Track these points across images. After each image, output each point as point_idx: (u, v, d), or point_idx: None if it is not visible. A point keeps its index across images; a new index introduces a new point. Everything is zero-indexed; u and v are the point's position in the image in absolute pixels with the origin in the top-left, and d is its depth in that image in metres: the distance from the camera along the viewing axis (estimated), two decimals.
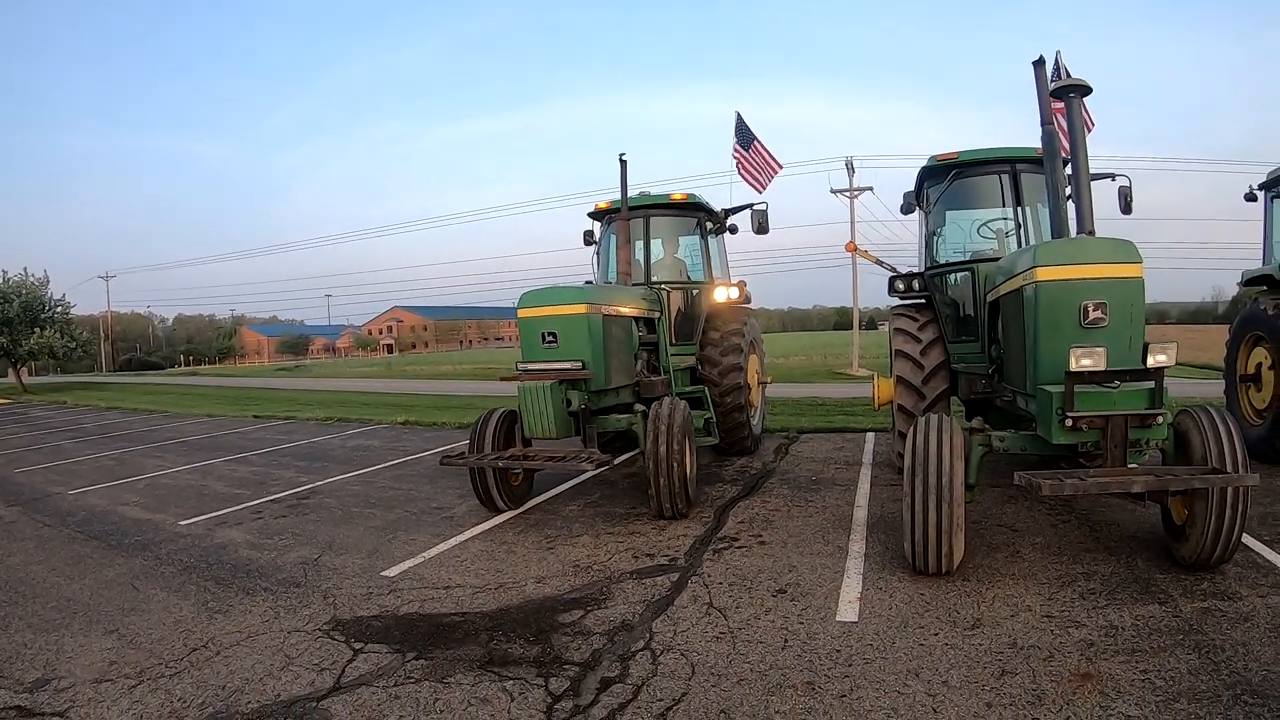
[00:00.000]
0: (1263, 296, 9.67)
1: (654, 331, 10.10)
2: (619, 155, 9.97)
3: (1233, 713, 3.80)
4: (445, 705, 4.21)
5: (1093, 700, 3.99)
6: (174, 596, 6.20)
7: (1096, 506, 7.66)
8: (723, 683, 4.37)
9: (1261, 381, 9.68)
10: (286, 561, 7.04)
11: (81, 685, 4.62)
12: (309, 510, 9.11)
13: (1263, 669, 4.22)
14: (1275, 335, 9.09)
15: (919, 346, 9.01)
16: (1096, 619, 5.03)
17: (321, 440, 15.54)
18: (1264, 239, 10.68)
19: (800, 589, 5.84)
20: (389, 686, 4.45)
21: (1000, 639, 4.79)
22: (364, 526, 8.21)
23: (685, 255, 11.96)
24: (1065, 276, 5.87)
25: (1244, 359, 10.18)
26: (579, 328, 7.96)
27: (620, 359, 8.69)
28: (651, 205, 11.13)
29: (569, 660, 4.74)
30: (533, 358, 8.01)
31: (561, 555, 6.90)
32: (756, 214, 11.60)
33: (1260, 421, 9.64)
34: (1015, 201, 9.04)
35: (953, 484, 5.63)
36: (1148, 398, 5.48)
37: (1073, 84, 6.59)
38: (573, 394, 7.83)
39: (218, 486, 10.71)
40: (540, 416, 7.66)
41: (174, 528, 8.39)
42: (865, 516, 7.80)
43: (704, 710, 4.06)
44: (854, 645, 4.79)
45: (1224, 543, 5.49)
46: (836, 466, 10.57)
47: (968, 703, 4.03)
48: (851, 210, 32.84)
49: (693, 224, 11.62)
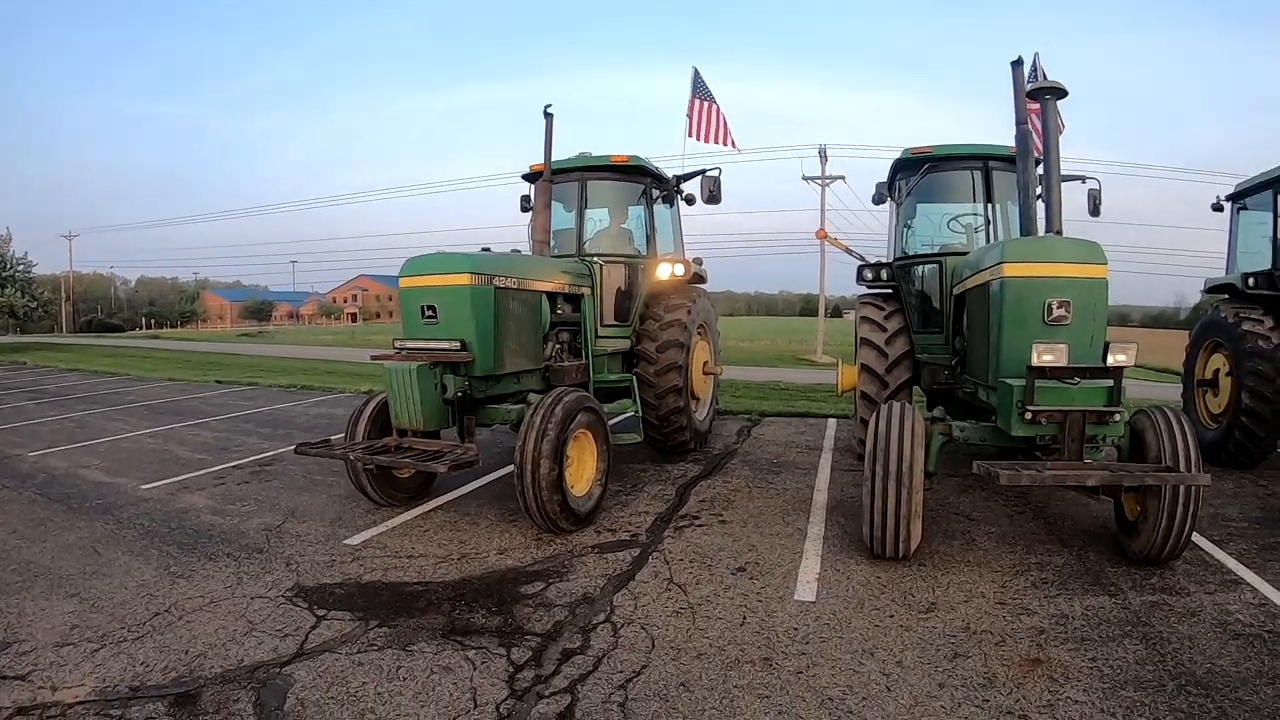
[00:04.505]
0: (1224, 305, 9.92)
1: (579, 310, 8.94)
2: (544, 108, 9.07)
3: (1177, 702, 3.95)
4: (408, 673, 4.26)
5: (1042, 685, 4.14)
6: (136, 561, 6.16)
7: (1052, 500, 7.85)
8: (682, 656, 4.46)
9: (1218, 387, 9.98)
10: (249, 528, 7.01)
11: (43, 649, 4.59)
12: (272, 477, 9.06)
13: (1207, 662, 4.39)
14: (1234, 343, 9.34)
15: (884, 335, 9.15)
16: (1048, 607, 5.20)
17: (284, 407, 15.43)
18: (1228, 249, 10.95)
19: (759, 568, 5.96)
20: (352, 654, 4.50)
21: (954, 623, 4.94)
22: (327, 494, 8.18)
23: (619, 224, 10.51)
24: (1031, 274, 6.02)
25: (1203, 364, 10.47)
26: (460, 301, 6.96)
27: (520, 340, 7.69)
28: (588, 167, 9.81)
29: (531, 631, 4.81)
30: (411, 334, 7.16)
31: (523, 528, 6.93)
32: (708, 180, 10.30)
33: (1216, 425, 9.94)
34: (986, 198, 9.17)
35: (912, 471, 5.77)
36: (1106, 395, 5.63)
37: (1049, 86, 6.71)
38: (449, 379, 6.93)
39: (180, 451, 10.63)
40: (406, 404, 6.74)
41: (136, 492, 8.31)
42: (825, 500, 7.93)
43: (663, 682, 4.15)
44: (811, 624, 4.91)
45: (1174, 540, 5.68)
46: (798, 450, 10.71)
47: (921, 683, 4.16)
48: (823, 198, 33.21)
49: (637, 191, 10.17)
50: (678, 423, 9.62)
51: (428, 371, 6.75)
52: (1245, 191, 10.44)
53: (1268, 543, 6.62)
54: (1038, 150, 7.28)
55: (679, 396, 9.47)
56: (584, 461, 7.13)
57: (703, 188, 10.27)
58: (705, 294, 10.92)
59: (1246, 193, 10.41)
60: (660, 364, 9.38)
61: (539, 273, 8.12)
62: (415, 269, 7.22)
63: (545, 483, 6.35)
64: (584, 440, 7.08)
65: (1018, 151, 7.29)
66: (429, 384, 6.75)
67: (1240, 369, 9.24)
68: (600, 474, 7.26)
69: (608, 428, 7.43)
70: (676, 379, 9.42)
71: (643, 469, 9.37)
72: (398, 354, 6.97)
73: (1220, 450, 9.57)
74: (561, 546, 6.46)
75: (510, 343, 7.46)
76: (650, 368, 9.39)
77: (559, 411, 6.55)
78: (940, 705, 3.94)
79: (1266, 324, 9.18)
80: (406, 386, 6.70)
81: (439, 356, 6.85)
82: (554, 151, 9.16)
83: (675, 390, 9.42)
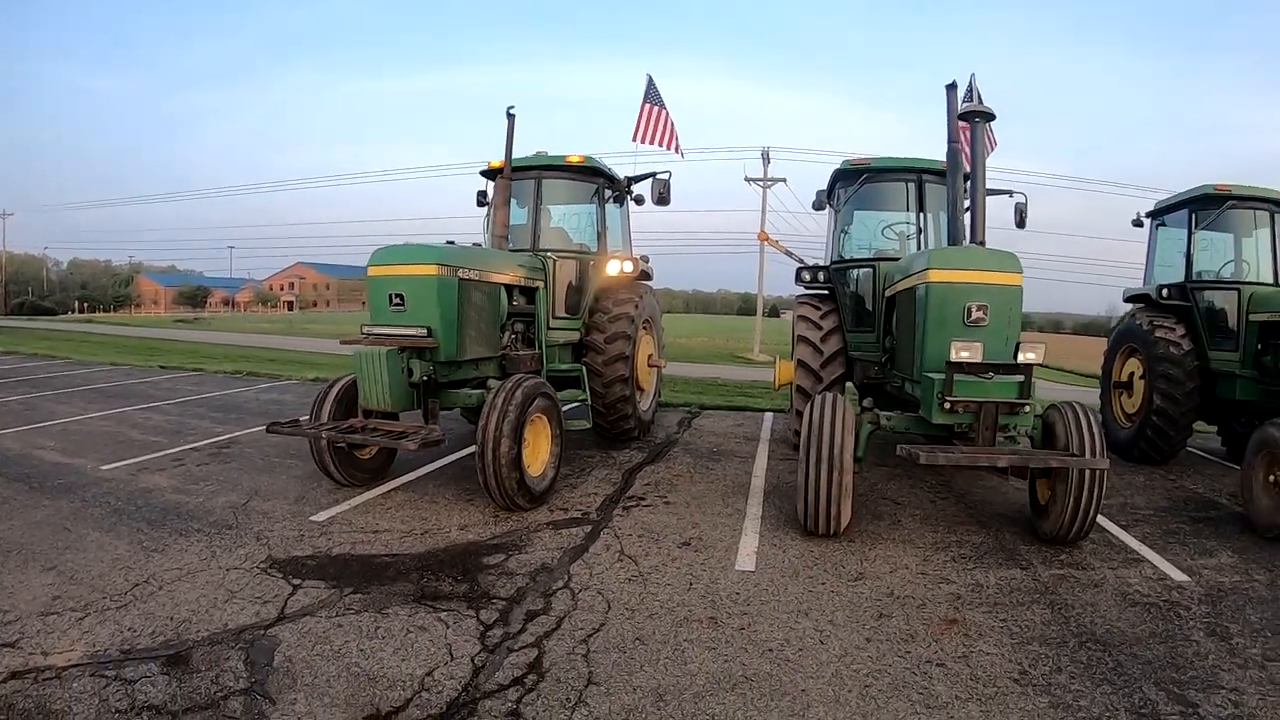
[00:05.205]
0: (1140, 313, 10.72)
1: (533, 302, 9.30)
2: (507, 109, 9.33)
3: (1077, 655, 4.58)
4: (386, 632, 4.65)
5: (957, 640, 4.74)
6: (108, 536, 6.32)
7: (973, 487, 8.57)
8: (636, 616, 4.95)
9: (1133, 389, 10.81)
10: (215, 506, 7.24)
11: (28, 618, 4.74)
12: (230, 459, 9.24)
13: (1106, 624, 5.05)
14: (1148, 348, 10.14)
15: (820, 333, 9.76)
16: (965, 578, 5.84)
17: (234, 393, 15.46)
18: (1147, 262, 11.76)
19: (703, 542, 6.48)
20: (331, 616, 4.85)
21: (880, 589, 5.53)
22: (287, 475, 8.42)
23: (569, 222, 10.94)
24: (954, 280, 6.62)
25: (1119, 368, 11.31)
26: (428, 291, 7.28)
27: (480, 329, 8.02)
28: (545, 166, 10.22)
29: (496, 596, 5.24)
30: (378, 320, 7.41)
31: (481, 506, 7.32)
32: (658, 183, 10.74)
33: (1130, 424, 10.77)
34: (919, 207, 9.82)
35: (843, 455, 6.35)
36: (1018, 389, 6.25)
37: (978, 110, 7.33)
38: (415, 363, 7.32)
39: (134, 434, 10.69)
40: (376, 385, 7.11)
41: (96, 472, 8.42)
42: (762, 485, 8.49)
43: (620, 637, 4.63)
44: (751, 589, 5.45)
45: (1081, 521, 6.36)
46: (736, 440, 11.29)
47: (850, 637, 4.72)
48: (764, 199, 33.77)
49: (590, 190, 10.60)
50: (623, 411, 10.12)
51: (396, 356, 7.11)
52: (1164, 209, 11.28)
53: (1170, 528, 7.37)
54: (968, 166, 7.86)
55: (625, 386, 9.96)
56: (539, 444, 7.53)
57: (653, 189, 10.72)
58: (651, 290, 11.43)
59: (1165, 211, 11.25)
60: (608, 355, 9.85)
61: (498, 266, 8.46)
62: (384, 259, 7.48)
63: (505, 461, 6.76)
64: (540, 424, 7.50)
65: (948, 168, 7.90)
66: (397, 368, 7.11)
67: (1153, 373, 10.04)
68: (554, 456, 7.72)
69: (561, 413, 7.88)
70: (623, 369, 9.90)
71: (590, 455, 9.83)
72: (366, 339, 7.26)
73: (1134, 447, 10.41)
74: (518, 523, 6.88)
75: (471, 331, 7.79)
76: (599, 358, 9.87)
77: (518, 395, 6.99)
78: (867, 655, 4.49)
79: (1178, 332, 10.01)
80: (376, 369, 7.06)
81: (406, 342, 7.18)
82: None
83: (622, 380, 9.92)
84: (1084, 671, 4.39)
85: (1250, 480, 7.37)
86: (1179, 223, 10.78)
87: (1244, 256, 10.51)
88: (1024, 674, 4.34)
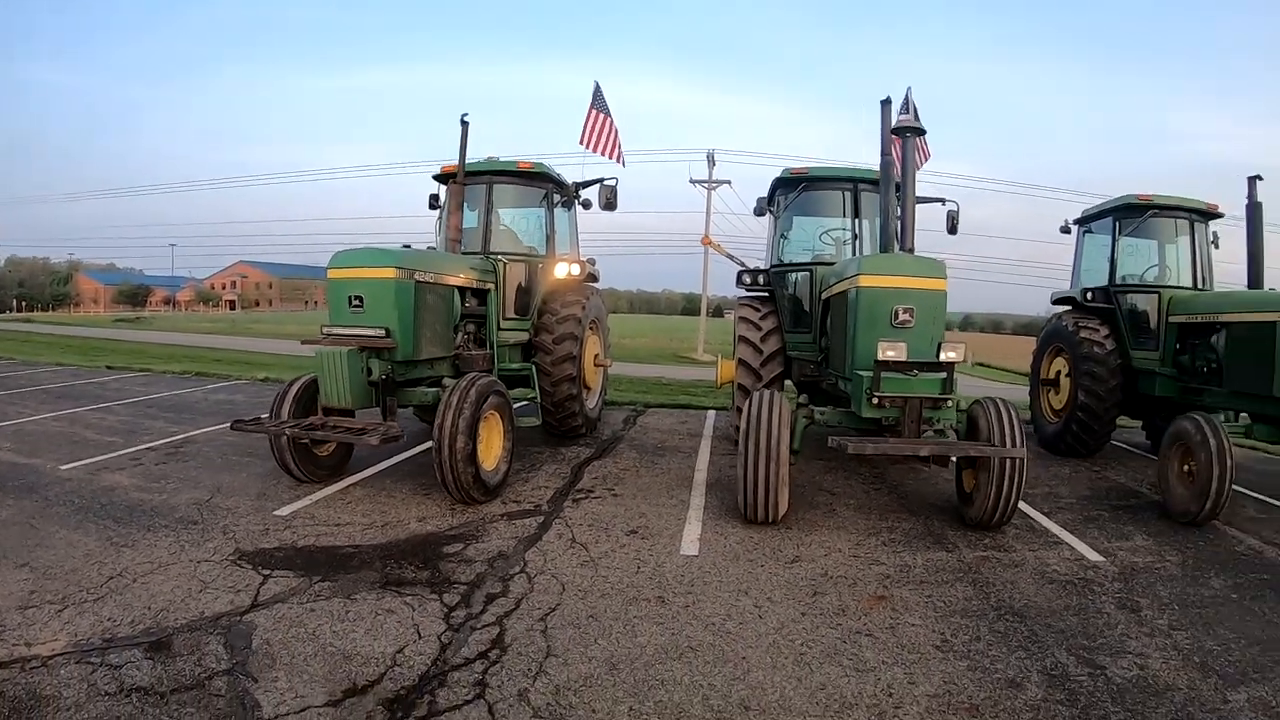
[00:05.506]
0: (1066, 315, 11.42)
1: (485, 304, 9.63)
2: (461, 116, 9.63)
3: (996, 625, 5.11)
4: (356, 615, 4.97)
5: (886, 613, 5.24)
6: (76, 534, 6.46)
7: (905, 479, 9.15)
8: (589, 596, 5.36)
9: (1060, 386, 11.50)
10: (179, 502, 7.42)
11: (7, 612, 4.87)
12: (188, 457, 9.39)
13: (1024, 599, 5.59)
14: (1073, 348, 10.83)
15: (760, 334, 10.27)
16: (894, 559, 6.36)
17: (184, 393, 15.48)
18: (1074, 265, 12.46)
19: (649, 530, 6.93)
20: (303, 602, 5.15)
21: (814, 570, 6.02)
22: (247, 473, 8.61)
23: (519, 226, 11.28)
24: (882, 284, 7.13)
25: (1047, 366, 12.00)
26: (385, 293, 7.59)
27: (435, 329, 8.36)
28: (496, 172, 10.55)
29: (457, 581, 5.59)
30: (338, 321, 7.68)
31: (437, 500, 7.65)
32: (606, 189, 11.17)
33: (1057, 420, 11.47)
34: (854, 214, 10.41)
35: (780, 447, 6.83)
36: (940, 385, 6.79)
37: (909, 126, 7.83)
38: (374, 362, 7.58)
39: (88, 434, 10.74)
40: (337, 384, 7.37)
41: (55, 472, 8.51)
42: (705, 478, 8.95)
43: (576, 615, 5.03)
44: (695, 571, 5.90)
45: (1002, 507, 6.92)
46: (680, 437, 11.78)
47: (786, 612, 5.20)
48: (709, 201, 33.88)
49: (540, 195, 10.96)
50: (571, 409, 10.52)
51: (356, 355, 7.40)
52: (1090, 217, 11.98)
53: (1090, 515, 7.99)
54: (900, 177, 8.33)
55: (573, 385, 10.36)
56: (492, 440, 7.87)
57: (601, 195, 11.17)
58: (598, 292, 11.82)
59: (1091, 218, 11.95)
60: (556, 355, 10.22)
61: (452, 269, 8.80)
62: (344, 262, 7.77)
63: (461, 455, 7.12)
64: (493, 420, 7.83)
65: (880, 180, 8.38)
66: (357, 367, 7.41)
67: (1078, 371, 10.72)
68: (506, 451, 8.09)
69: (512, 410, 8.26)
70: (571, 369, 10.28)
71: (540, 451, 10.21)
72: (326, 339, 7.53)
73: (1060, 441, 11.11)
74: (474, 515, 7.23)
75: (427, 331, 8.12)
76: (547, 358, 10.22)
77: (473, 393, 7.34)
78: (802, 627, 4.96)
79: (1102, 332, 10.70)
80: (337, 368, 7.34)
81: (365, 342, 7.46)
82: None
83: (570, 379, 10.30)
84: (1001, 640, 4.90)
85: (1166, 470, 8.02)
86: (1104, 229, 11.46)
87: (1166, 262, 11.22)
88: (945, 642, 4.83)
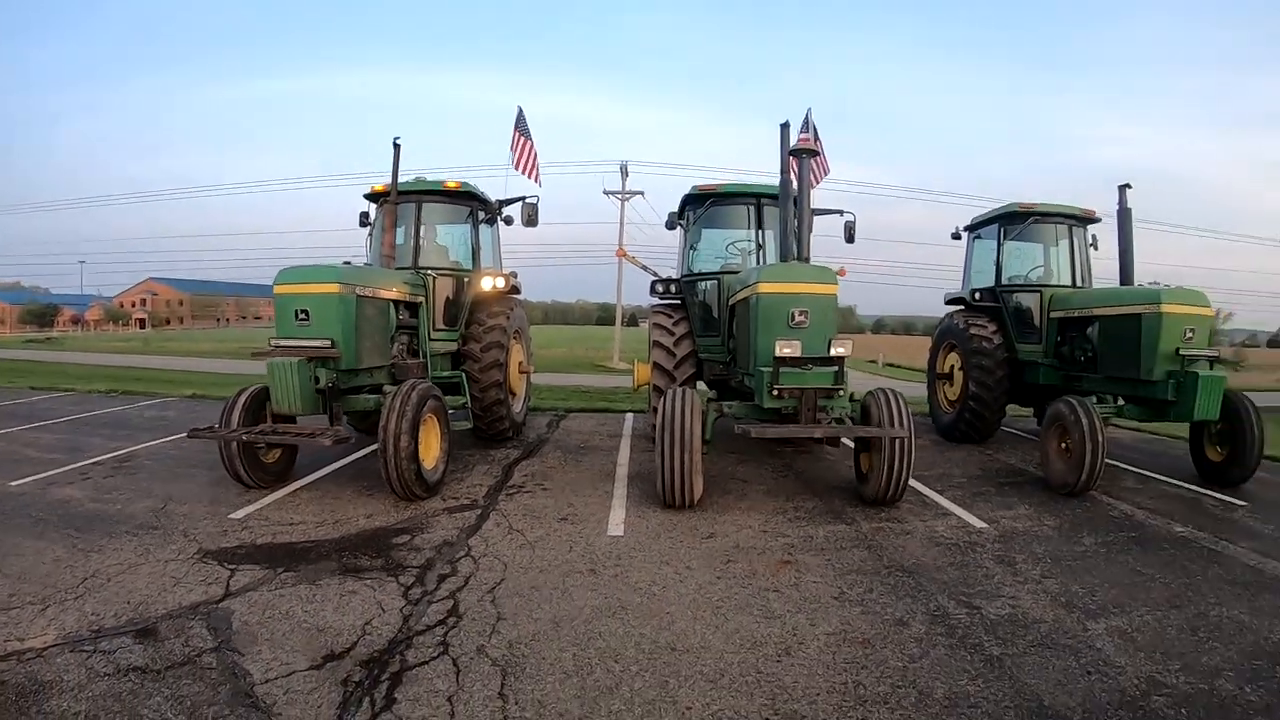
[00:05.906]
0: (957, 314, 12.55)
1: (416, 316, 10.26)
2: (394, 140, 10.26)
3: (887, 580, 5.98)
4: (324, 597, 5.52)
5: (790, 574, 6.08)
6: (41, 542, 6.65)
7: (810, 467, 10.10)
8: (529, 571, 6.06)
9: (953, 379, 12.62)
10: (135, 511, 7.73)
11: None
12: (135, 470, 9.62)
13: (913, 559, 6.50)
14: (964, 344, 11.95)
15: (673, 339, 11.10)
16: (798, 532, 7.22)
17: (118, 411, 15.47)
18: (965, 269, 13.52)
19: (578, 517, 7.66)
20: (272, 590, 5.65)
21: (727, 543, 6.84)
22: (195, 482, 8.95)
23: (449, 241, 11.93)
24: (780, 290, 8.00)
25: (942, 361, 13.12)
26: (330, 306, 8.12)
27: (374, 340, 8.88)
28: (425, 191, 11.22)
29: (410, 565, 6.19)
30: (285, 334, 8.13)
31: (381, 499, 8.20)
32: (528, 206, 11.99)
33: (952, 410, 12.58)
34: (758, 226, 11.35)
35: (694, 437, 7.61)
36: (832, 377, 7.68)
37: (803, 149, 8.78)
38: (321, 371, 8.06)
39: (30, 452, 10.78)
40: (287, 392, 7.87)
41: (5, 488, 8.62)
42: (626, 473, 9.73)
43: (519, 587, 5.72)
44: (622, 548, 6.66)
45: (894, 484, 7.84)
46: (601, 437, 12.58)
47: (704, 577, 5.98)
48: (622, 212, 34.22)
49: (465, 212, 11.66)
50: (499, 413, 11.23)
51: (305, 365, 7.91)
52: (979, 224, 13.10)
53: (978, 491, 9.03)
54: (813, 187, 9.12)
55: (500, 390, 11.06)
56: (431, 440, 8.47)
57: (523, 212, 11.99)
58: (521, 303, 12.57)
59: (979, 225, 13.08)
60: (484, 362, 10.90)
61: (387, 283, 9.39)
62: (290, 278, 8.25)
63: (405, 454, 7.71)
64: (431, 422, 8.41)
65: (779, 196, 9.19)
66: (305, 375, 7.92)
67: (969, 364, 11.84)
68: (444, 451, 8.71)
69: (448, 413, 8.93)
70: (498, 375, 10.98)
71: (471, 453, 10.87)
72: (275, 350, 8.01)
73: (955, 429, 12.23)
74: (417, 510, 7.83)
75: (367, 342, 8.68)
76: (476, 366, 10.89)
77: (414, 397, 7.94)
78: (717, 589, 5.75)
79: (990, 329, 11.85)
80: (288, 377, 7.85)
81: (313, 352, 7.97)
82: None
83: (497, 384, 11.00)
84: (891, 590, 5.76)
85: (1046, 448, 9.11)
86: (991, 235, 12.56)
87: (1050, 264, 12.37)
88: (843, 594, 5.67)
